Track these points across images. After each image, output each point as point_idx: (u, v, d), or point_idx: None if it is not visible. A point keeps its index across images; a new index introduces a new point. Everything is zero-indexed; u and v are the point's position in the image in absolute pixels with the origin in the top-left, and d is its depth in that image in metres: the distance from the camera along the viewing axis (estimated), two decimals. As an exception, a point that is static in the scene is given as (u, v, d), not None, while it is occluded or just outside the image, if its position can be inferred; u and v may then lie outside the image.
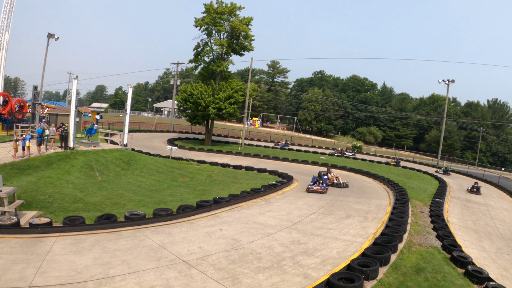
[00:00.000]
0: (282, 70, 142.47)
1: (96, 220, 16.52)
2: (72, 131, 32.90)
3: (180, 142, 58.28)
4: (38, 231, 15.02)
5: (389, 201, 25.85)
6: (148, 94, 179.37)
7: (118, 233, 15.48)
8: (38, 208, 18.71)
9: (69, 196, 21.45)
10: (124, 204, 20.56)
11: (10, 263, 12.33)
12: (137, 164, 33.50)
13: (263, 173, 36.17)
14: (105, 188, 24.34)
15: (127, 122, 38.86)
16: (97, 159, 30.69)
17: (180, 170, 34.97)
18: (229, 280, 11.75)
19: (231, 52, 58.17)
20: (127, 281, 11.28)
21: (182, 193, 25.13)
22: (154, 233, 15.91)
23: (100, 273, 11.72)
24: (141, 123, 78.69)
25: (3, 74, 52.88)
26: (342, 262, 13.82)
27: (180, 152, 45.02)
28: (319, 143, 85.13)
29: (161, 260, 13.00)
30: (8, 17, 51.23)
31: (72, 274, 11.60)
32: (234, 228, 17.37)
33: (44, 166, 27.72)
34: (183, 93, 57.45)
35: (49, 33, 52.35)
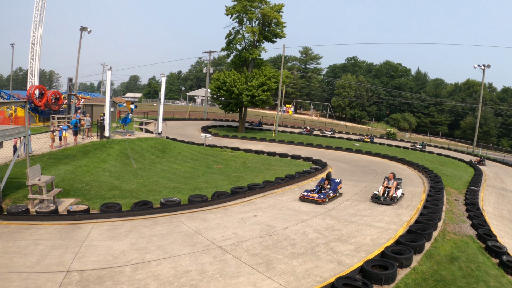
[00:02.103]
0: (314, 57, 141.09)
1: (132, 207, 16.89)
2: (107, 121, 33.49)
3: (214, 130, 58.64)
4: (76, 218, 15.47)
5: (424, 189, 25.46)
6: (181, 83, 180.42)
7: (154, 219, 15.77)
8: (76, 195, 19.24)
9: (105, 183, 21.92)
10: (160, 191, 20.88)
11: (49, 249, 12.80)
12: (171, 152, 33.90)
13: (297, 160, 36.07)
14: (140, 176, 24.76)
15: (161, 111, 39.27)
16: (132, 148, 31.20)
17: (215, 157, 35.24)
18: (263, 265, 11.84)
19: (263, 40, 57.92)
20: (162, 266, 11.52)
21: (216, 179, 25.33)
22: (189, 219, 16.16)
23: (136, 258, 12.00)
24: (175, 111, 79.44)
25: (38, 68, 54.12)
26: (376, 249, 13.74)
27: (214, 140, 45.31)
28: (353, 130, 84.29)
29: (196, 246, 13.21)
30: (41, 13, 52.31)
31: (109, 259, 11.92)
32: (268, 214, 17.44)
33: (80, 155, 28.37)
34: (216, 81, 57.66)
35: (81, 27, 53.28)
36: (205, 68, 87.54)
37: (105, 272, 11.11)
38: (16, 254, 12.54)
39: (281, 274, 11.34)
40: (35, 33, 52.68)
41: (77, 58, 55.35)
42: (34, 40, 52.94)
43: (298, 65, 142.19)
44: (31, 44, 53.31)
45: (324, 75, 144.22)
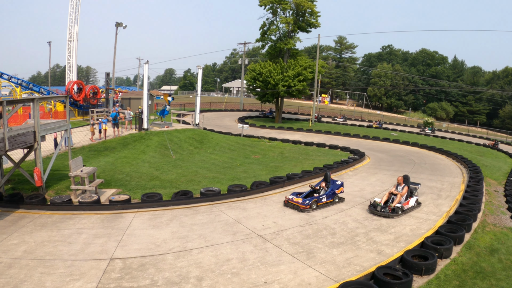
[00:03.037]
0: (349, 46, 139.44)
1: (173, 197, 17.09)
2: (145, 113, 33.97)
3: (250, 120, 58.74)
4: (118, 208, 15.81)
5: (463, 179, 24.85)
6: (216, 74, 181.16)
7: (194, 209, 15.93)
8: (117, 186, 19.62)
9: (145, 174, 22.23)
10: (199, 181, 21.02)
11: (92, 237, 13.13)
12: (209, 143, 34.13)
13: (335, 150, 35.79)
14: (179, 166, 25.00)
15: (198, 102, 39.52)
16: (170, 139, 31.53)
17: (252, 148, 35.32)
18: (303, 254, 11.82)
19: (298, 30, 57.43)
20: (204, 254, 11.65)
21: (255, 169, 25.37)
22: (229, 208, 16.27)
23: (178, 246, 12.17)
24: (211, 103, 79.88)
25: (75, 64, 55.34)
26: (416, 240, 13.54)
27: (251, 130, 45.43)
28: (390, 119, 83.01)
29: (236, 234, 13.30)
30: (76, 10, 53.50)
31: (152, 247, 12.11)
32: (309, 203, 17.41)
33: (120, 147, 28.86)
34: (252, 72, 57.67)
35: (117, 22, 53.87)
36: (240, 60, 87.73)
37: (148, 259, 11.33)
38: (60, 243, 12.91)
39: (321, 263, 11.30)
40: (71, 31, 53.95)
41: (114, 53, 56.31)
42: (70, 37, 54.20)
43: (333, 54, 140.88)
44: (68, 41, 54.59)
45: (359, 64, 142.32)
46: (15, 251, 12.44)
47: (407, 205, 16.85)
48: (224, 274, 10.47)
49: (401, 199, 16.78)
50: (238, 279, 10.27)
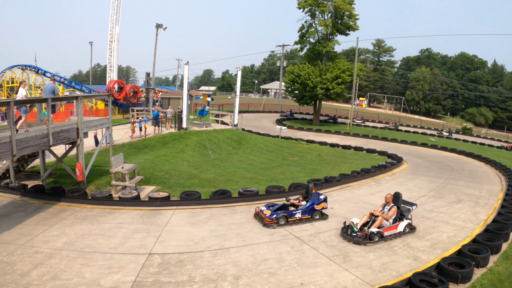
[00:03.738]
0: (387, 49, 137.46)
1: (211, 195, 17.24)
2: (185, 113, 34.37)
3: (288, 122, 58.71)
4: (157, 204, 16.07)
5: (501, 187, 24.13)
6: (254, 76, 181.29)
7: (232, 208, 16.02)
8: (156, 183, 19.92)
9: (184, 172, 22.48)
10: (237, 181, 21.13)
11: (131, 232, 13.40)
12: (247, 143, 34.26)
13: (372, 154, 35.40)
14: (218, 166, 25.18)
15: (237, 103, 39.74)
16: (209, 139, 31.79)
17: (290, 149, 35.26)
18: (340, 257, 11.73)
19: (336, 32, 57.14)
20: (241, 253, 11.69)
21: (292, 171, 25.31)
22: (266, 209, 16.29)
23: (215, 244, 12.26)
24: (249, 104, 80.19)
25: (116, 64, 56.49)
26: (452, 247, 13.24)
27: (289, 132, 45.34)
28: (427, 124, 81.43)
29: (274, 235, 13.29)
30: (117, 12, 54.69)
31: (190, 244, 12.24)
32: (345, 207, 17.25)
33: (159, 145, 29.29)
34: (290, 74, 57.62)
35: (157, 24, 54.75)
36: (279, 62, 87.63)
37: (186, 256, 11.46)
38: (100, 236, 13.21)
39: (357, 267, 11.20)
40: (112, 32, 55.18)
41: (154, 54, 57.20)
42: (111, 38, 55.42)
43: (371, 57, 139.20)
44: (109, 41, 55.83)
45: (397, 67, 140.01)
46: (56, 242, 12.84)
47: (393, 230, 13.86)
48: (260, 273, 10.48)
49: (384, 222, 13.75)
50: (274, 279, 10.27)
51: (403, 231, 14.05)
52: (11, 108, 14.30)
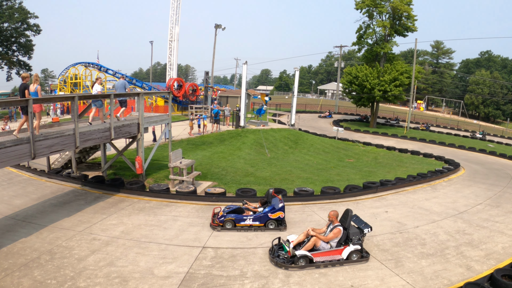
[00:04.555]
0: (446, 51, 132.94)
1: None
2: (243, 112, 34.68)
3: (345, 124, 58.04)
4: (213, 200, 16.36)
5: None
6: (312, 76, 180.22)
7: (287, 207, 15.88)
8: (213, 179, 20.26)
9: (240, 170, 22.70)
10: (293, 180, 21.08)
11: (186, 225, 13.72)
12: (304, 143, 34.16)
13: (429, 158, 34.44)
14: (274, 165, 25.23)
15: (295, 103, 39.70)
16: (266, 138, 31.91)
17: (346, 151, 34.90)
18: (392, 262, 11.50)
19: (394, 33, 55.92)
20: (297, 252, 11.65)
21: (348, 173, 25.03)
22: (321, 209, 16.15)
23: (268, 242, 12.27)
24: (306, 104, 79.96)
25: (176, 62, 57.68)
26: (507, 258, 12.70)
27: (345, 133, 44.86)
28: (487, 129, 78.35)
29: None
30: (177, 12, 55.95)
31: (243, 240, 12.38)
32: (399, 211, 16.88)
33: (217, 142, 29.69)
34: (348, 76, 56.96)
35: (216, 24, 55.40)
36: (336, 62, 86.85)
37: (239, 251, 11.59)
38: (156, 227, 13.57)
39: (409, 273, 10.93)
40: (172, 31, 56.47)
41: (213, 53, 57.99)
42: (171, 38, 56.72)
43: (429, 59, 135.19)
44: (169, 41, 57.18)
45: (456, 70, 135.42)
46: (113, 230, 13.34)
47: (333, 255, 11.25)
48: (311, 273, 10.44)
49: (321, 245, 11.34)
50: (325, 280, 10.19)
51: (348, 259, 11.25)
52: (75, 102, 14.88)
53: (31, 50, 67.57)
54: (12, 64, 67.30)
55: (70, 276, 10.47)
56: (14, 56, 67.33)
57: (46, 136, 13.88)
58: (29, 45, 66.79)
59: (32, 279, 10.41)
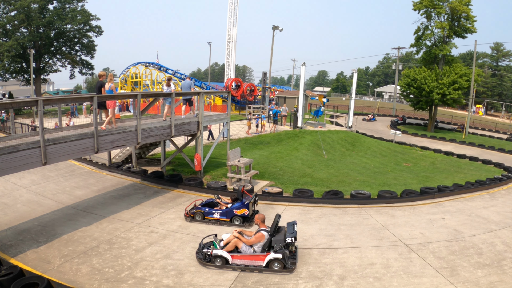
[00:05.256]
0: (506, 53, 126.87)
1: (324, 195, 17.18)
2: (300, 112, 34.63)
3: (402, 127, 56.82)
4: (270, 199, 16.42)
5: None
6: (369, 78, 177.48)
7: (343, 209, 15.84)
8: (270, 178, 20.37)
9: (297, 170, 22.71)
10: (349, 183, 20.91)
11: (245, 223, 13.73)
12: (361, 146, 33.78)
13: (488, 165, 33.16)
14: (331, 166, 25.09)
15: (352, 105, 39.34)
16: (323, 139, 31.77)
17: (403, 155, 34.21)
18: (447, 270, 11.15)
19: (453, 35, 54.13)
20: (349, 254, 11.54)
21: (405, 177, 24.54)
22: (377, 213, 15.89)
23: (324, 243, 12.22)
24: (364, 106, 78.99)
25: (234, 63, 58.22)
26: None
27: (403, 137, 43.93)
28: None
29: (382, 240, 12.95)
30: (234, 14, 56.44)
31: (299, 240, 12.25)
32: (456, 218, 16.33)
33: (274, 142, 29.80)
34: (406, 78, 55.65)
35: (273, 25, 55.40)
36: (394, 64, 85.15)
37: (294, 252, 11.50)
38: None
39: (464, 282, 10.57)
40: (230, 32, 57.15)
41: (271, 54, 57.92)
42: (229, 39, 57.39)
43: (489, 62, 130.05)
44: (227, 42, 57.85)
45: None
46: (171, 224, 13.73)
47: (252, 260, 10.73)
48: (366, 277, 10.28)
49: (243, 248, 10.94)
50: (379, 284, 10.03)
51: (268, 267, 10.57)
52: (138, 100, 15.29)
53: (93, 50, 70.85)
54: (75, 63, 70.67)
55: (127, 266, 10.81)
56: (77, 55, 70.67)
57: (109, 132, 14.46)
58: (91, 45, 69.90)
59: (90, 267, 10.85)
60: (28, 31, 62.69)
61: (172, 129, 17.35)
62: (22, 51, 60.93)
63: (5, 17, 61.35)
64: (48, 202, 16.69)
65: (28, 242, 12.74)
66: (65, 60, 70.49)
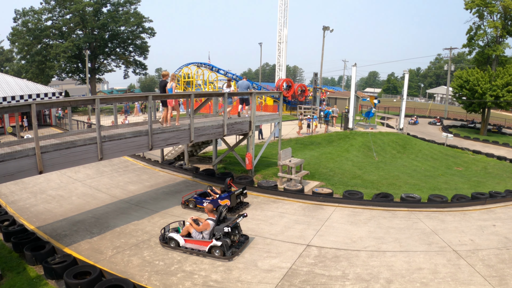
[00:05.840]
0: None
1: (373, 197, 16.93)
2: (351, 114, 34.38)
3: (454, 130, 55.21)
4: (320, 199, 16.35)
5: None
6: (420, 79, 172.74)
7: (393, 212, 15.61)
8: (320, 179, 20.30)
9: (348, 172, 22.53)
10: (400, 186, 20.55)
11: (292, 223, 13.92)
12: (412, 149, 33.11)
13: (542, 172, 32.04)
14: (381, 168, 24.73)
15: (404, 107, 38.66)
16: (374, 141, 31.37)
17: (455, 159, 33.30)
18: (496, 279, 10.80)
19: (506, 35, 51.93)
20: (397, 258, 11.36)
21: (456, 182, 23.89)
22: (427, 217, 15.55)
23: (372, 246, 12.07)
24: (415, 108, 77.10)
25: (284, 63, 58.22)
26: None
27: (454, 140, 42.72)
28: None
29: (431, 245, 12.64)
30: (284, 15, 56.33)
31: (347, 241, 12.25)
32: (508, 226, 15.71)
33: (325, 143, 29.69)
34: (458, 79, 53.83)
35: (324, 26, 54.96)
36: (446, 65, 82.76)
37: (342, 253, 11.51)
38: (263, 222, 13.96)
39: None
40: (280, 33, 57.08)
41: (321, 55, 57.56)
42: (280, 39, 57.33)
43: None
44: (278, 43, 57.82)
45: None
46: None
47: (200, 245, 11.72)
48: (413, 281, 10.11)
49: (194, 233, 11.94)
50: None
51: (209, 252, 11.48)
52: (192, 99, 15.66)
53: (147, 51, 72.95)
54: (129, 63, 73.06)
55: (177, 260, 11.20)
56: (131, 56, 73.01)
57: (163, 130, 14.88)
58: (145, 46, 71.93)
59: (141, 259, 11.25)
60: (83, 33, 65.37)
61: (224, 128, 17.61)
62: (77, 52, 63.51)
63: (61, 20, 64.10)
64: (102, 195, 17.36)
65: (82, 233, 13.35)
66: (119, 60, 72.97)
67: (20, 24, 62.77)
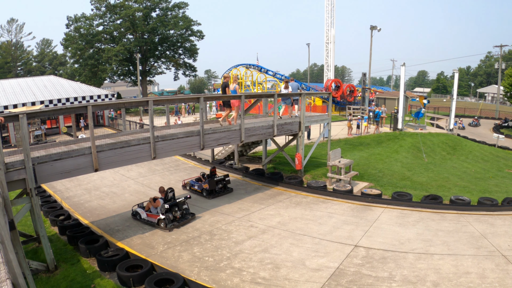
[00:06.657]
0: None
1: (423, 199, 16.62)
2: (401, 114, 33.83)
3: (506, 131, 53.20)
4: (369, 200, 16.24)
5: None
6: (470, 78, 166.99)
7: (442, 215, 15.27)
8: (369, 180, 20.10)
9: (397, 173, 22.20)
10: (449, 188, 20.01)
11: (341, 223, 13.89)
12: (462, 150, 32.16)
13: None
14: (431, 170, 24.14)
15: (454, 107, 37.66)
16: (424, 142, 30.68)
17: (507, 161, 32.03)
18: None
19: None
20: (444, 261, 11.14)
21: (507, 184, 22.97)
22: (476, 221, 15.11)
23: (420, 248, 11.88)
24: (465, 108, 74.68)
25: (333, 64, 57.83)
26: None
27: (506, 141, 41.17)
28: None
29: (480, 249, 12.28)
30: (331, 16, 55.80)
31: (395, 243, 12.12)
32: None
33: (374, 144, 29.34)
34: (509, 78, 52.06)
35: (371, 26, 54.24)
36: (496, 64, 79.81)
37: (389, 254, 11.40)
38: (312, 222, 13.99)
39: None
40: (328, 34, 56.70)
41: (370, 55, 57.00)
42: (327, 40, 56.94)
43: None
44: (325, 43, 57.45)
45: None
46: (270, 220, 14.15)
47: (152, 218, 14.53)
48: (460, 285, 9.88)
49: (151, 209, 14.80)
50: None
51: (158, 224, 14.18)
52: (242, 100, 15.89)
53: (196, 53, 74.39)
54: (179, 65, 74.81)
55: (226, 257, 11.37)
56: (180, 58, 74.52)
57: (214, 130, 15.19)
58: (194, 49, 73.30)
59: (191, 254, 11.56)
60: (134, 37, 67.26)
61: (274, 129, 17.73)
62: (128, 55, 65.50)
63: (112, 25, 66.18)
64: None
65: (134, 228, 13.88)
66: (169, 63, 74.75)
67: (72, 30, 65.58)
